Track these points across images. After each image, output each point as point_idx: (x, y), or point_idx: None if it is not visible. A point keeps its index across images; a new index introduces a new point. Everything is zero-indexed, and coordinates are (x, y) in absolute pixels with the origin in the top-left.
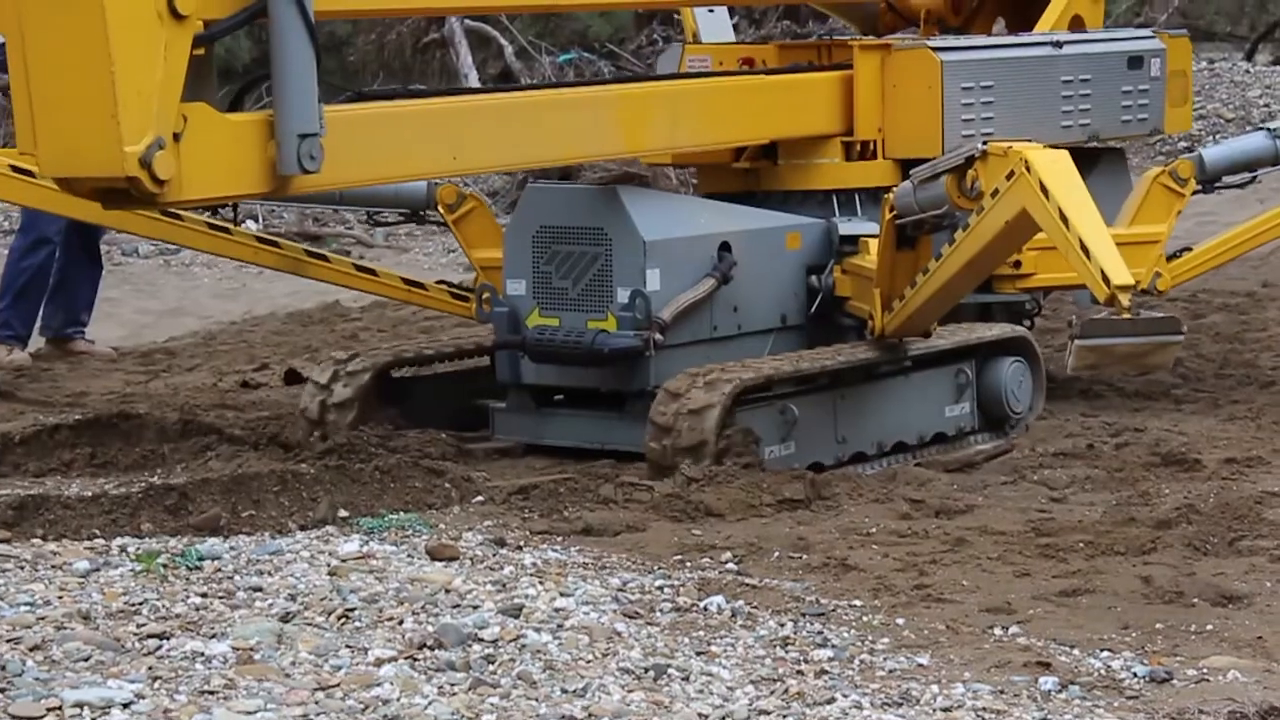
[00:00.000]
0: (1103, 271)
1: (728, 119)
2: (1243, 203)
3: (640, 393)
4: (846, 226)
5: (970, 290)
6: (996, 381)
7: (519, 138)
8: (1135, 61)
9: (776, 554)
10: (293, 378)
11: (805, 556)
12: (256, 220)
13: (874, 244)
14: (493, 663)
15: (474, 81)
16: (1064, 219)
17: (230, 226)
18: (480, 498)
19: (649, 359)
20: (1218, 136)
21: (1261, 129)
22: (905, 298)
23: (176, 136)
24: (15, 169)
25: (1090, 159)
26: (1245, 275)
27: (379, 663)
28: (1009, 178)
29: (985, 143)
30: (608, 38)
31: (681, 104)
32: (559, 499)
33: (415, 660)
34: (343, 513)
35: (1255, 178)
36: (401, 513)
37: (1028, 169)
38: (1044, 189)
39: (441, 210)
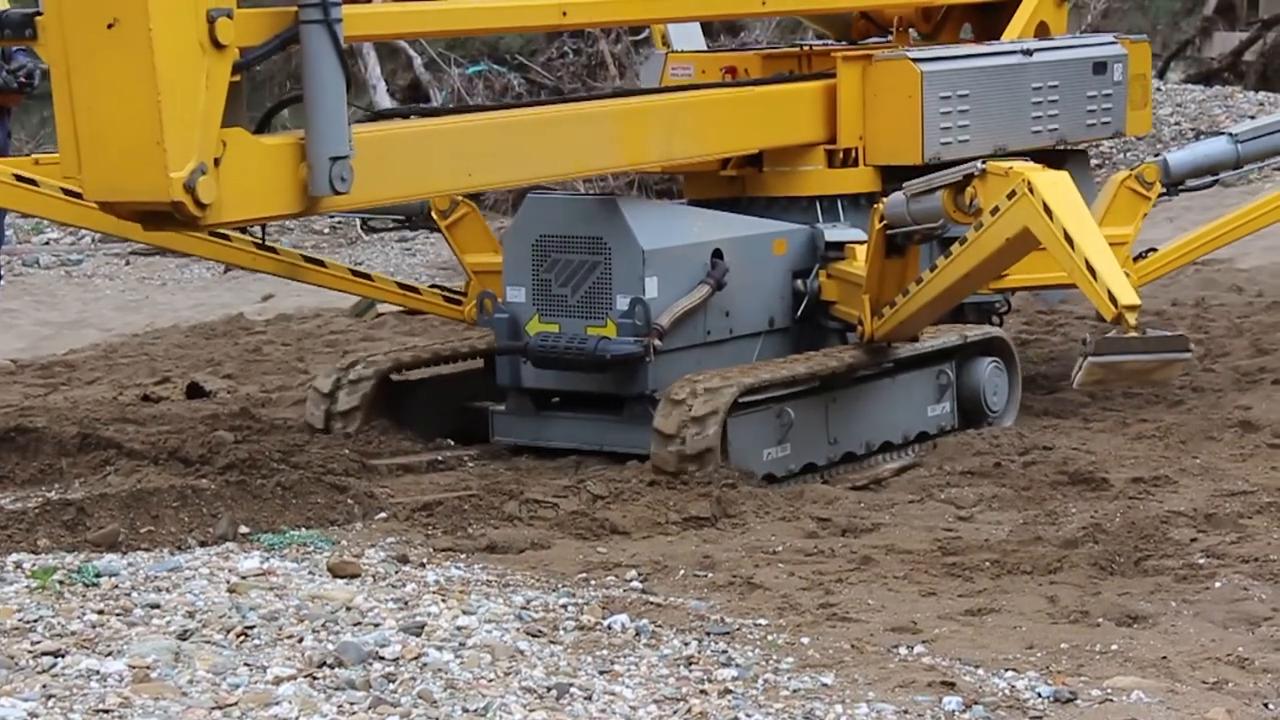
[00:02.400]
0: (1109, 291)
1: (721, 131)
2: (1152, 220)
3: (639, 396)
4: (832, 233)
5: (962, 299)
6: (975, 381)
7: (528, 154)
8: (1099, 67)
9: (682, 572)
10: (194, 391)
11: (711, 575)
12: None
13: (861, 251)
14: (393, 681)
15: (382, 92)
16: (1069, 239)
17: (229, 233)
18: (383, 514)
19: (648, 364)
20: (1127, 154)
21: (1223, 134)
22: (896, 304)
23: (217, 161)
24: (19, 178)
25: (1056, 162)
26: (1155, 294)
27: (278, 681)
28: (1010, 197)
29: (984, 161)
30: (518, 50)
31: (677, 117)
32: (463, 516)
33: (315, 679)
34: (243, 529)
35: (1217, 181)
36: (303, 529)
37: (1030, 190)
38: (1047, 210)
39: (435, 216)
